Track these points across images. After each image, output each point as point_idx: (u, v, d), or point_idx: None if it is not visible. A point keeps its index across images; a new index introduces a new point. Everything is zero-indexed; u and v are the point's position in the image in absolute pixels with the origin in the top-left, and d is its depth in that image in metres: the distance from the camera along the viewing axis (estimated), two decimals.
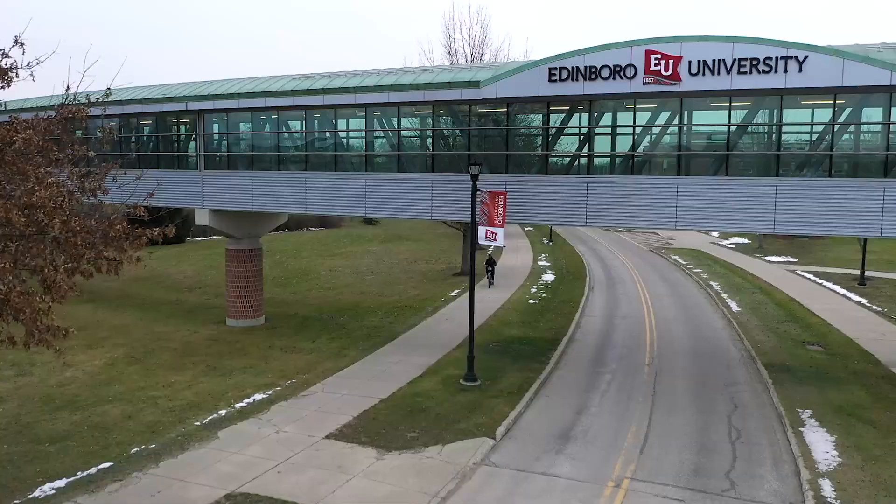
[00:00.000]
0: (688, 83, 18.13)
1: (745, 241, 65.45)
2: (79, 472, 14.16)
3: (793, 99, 18.49)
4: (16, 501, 12.87)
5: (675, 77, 18.22)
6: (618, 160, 20.50)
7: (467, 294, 21.39)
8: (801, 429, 16.86)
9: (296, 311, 31.54)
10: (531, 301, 34.40)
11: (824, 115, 18.39)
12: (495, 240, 20.00)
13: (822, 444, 15.84)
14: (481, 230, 20.09)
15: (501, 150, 21.36)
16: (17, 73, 10.08)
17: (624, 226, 23.03)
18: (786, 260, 51.41)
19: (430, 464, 14.71)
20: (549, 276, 43.05)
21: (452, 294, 35.61)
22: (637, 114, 19.78)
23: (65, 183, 10.14)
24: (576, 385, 20.79)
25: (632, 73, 18.62)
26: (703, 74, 17.99)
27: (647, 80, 18.49)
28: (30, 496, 13.12)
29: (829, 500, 13.11)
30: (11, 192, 9.06)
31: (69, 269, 9.19)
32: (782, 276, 43.30)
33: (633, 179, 19.84)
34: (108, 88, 10.77)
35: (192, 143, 27.68)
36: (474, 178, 19.32)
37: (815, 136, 18.84)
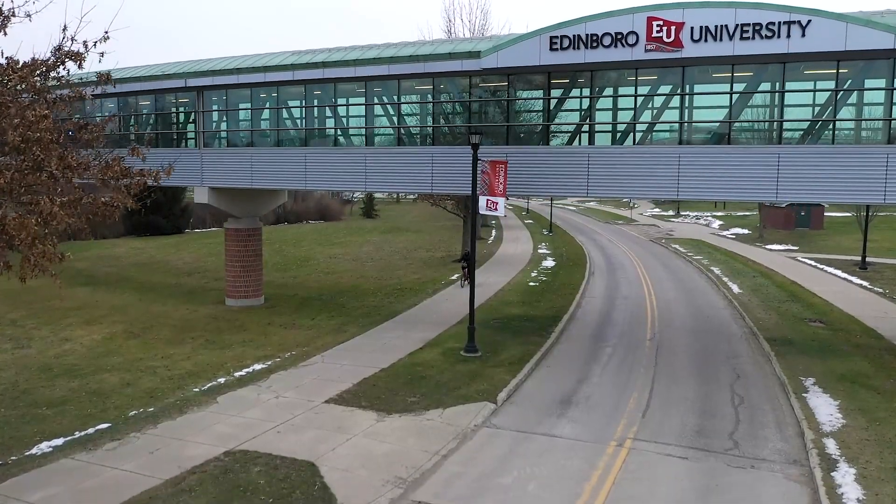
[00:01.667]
0: (690, 50, 17.97)
1: (746, 231, 65.37)
2: (76, 433, 14.06)
3: (795, 68, 18.37)
4: (13, 457, 12.76)
5: (678, 44, 18.06)
6: (619, 133, 20.36)
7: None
8: (804, 394, 16.74)
9: (295, 292, 31.39)
10: (532, 284, 34.27)
11: (827, 86, 18.25)
12: (496, 209, 19.85)
13: (825, 408, 15.72)
14: (482, 200, 19.95)
15: (502, 123, 21.23)
16: (13, 13, 9.94)
17: (626, 196, 22.95)
18: (786, 248, 51.29)
19: (431, 425, 14.60)
20: (549, 263, 42.93)
21: (452, 278, 35.46)
22: (638, 87, 19.65)
23: (61, 125, 10.01)
24: (577, 357, 20.68)
25: (633, 41, 18.46)
26: (706, 41, 17.82)
27: (648, 47, 18.33)
28: (27, 453, 13.01)
29: (833, 457, 13.00)
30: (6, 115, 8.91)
31: (65, 203, 9.06)
32: (783, 263, 43.17)
33: (635, 149, 19.72)
34: (106, 32, 10.62)
35: (192, 123, 27.55)
36: (475, 147, 19.18)
37: (817, 109, 18.70)
